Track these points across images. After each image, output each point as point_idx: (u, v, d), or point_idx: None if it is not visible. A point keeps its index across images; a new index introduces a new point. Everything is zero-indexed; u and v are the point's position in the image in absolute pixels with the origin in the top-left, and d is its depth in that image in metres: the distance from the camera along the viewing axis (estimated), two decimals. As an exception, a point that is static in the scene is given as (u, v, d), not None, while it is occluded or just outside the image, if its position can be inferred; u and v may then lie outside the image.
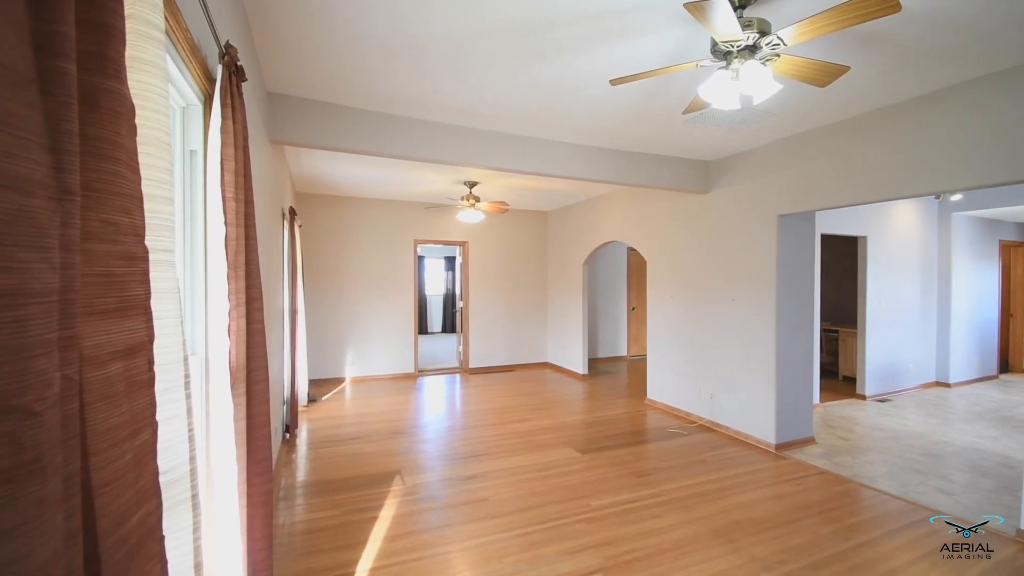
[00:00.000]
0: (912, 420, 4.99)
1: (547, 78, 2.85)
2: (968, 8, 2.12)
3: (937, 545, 2.62)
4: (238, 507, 1.48)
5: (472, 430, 4.62)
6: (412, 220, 7.08)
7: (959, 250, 6.51)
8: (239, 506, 1.49)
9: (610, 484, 3.39)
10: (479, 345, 7.59)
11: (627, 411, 5.33)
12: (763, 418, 4.22)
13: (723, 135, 3.96)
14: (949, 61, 2.64)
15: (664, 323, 5.44)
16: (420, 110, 3.40)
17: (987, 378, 6.89)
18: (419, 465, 3.74)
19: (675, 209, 5.25)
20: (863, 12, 1.65)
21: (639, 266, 8.55)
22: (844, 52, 2.51)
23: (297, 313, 4.50)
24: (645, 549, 2.57)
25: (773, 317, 4.13)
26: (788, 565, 2.43)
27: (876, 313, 5.93)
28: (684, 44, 2.43)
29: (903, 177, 3.24)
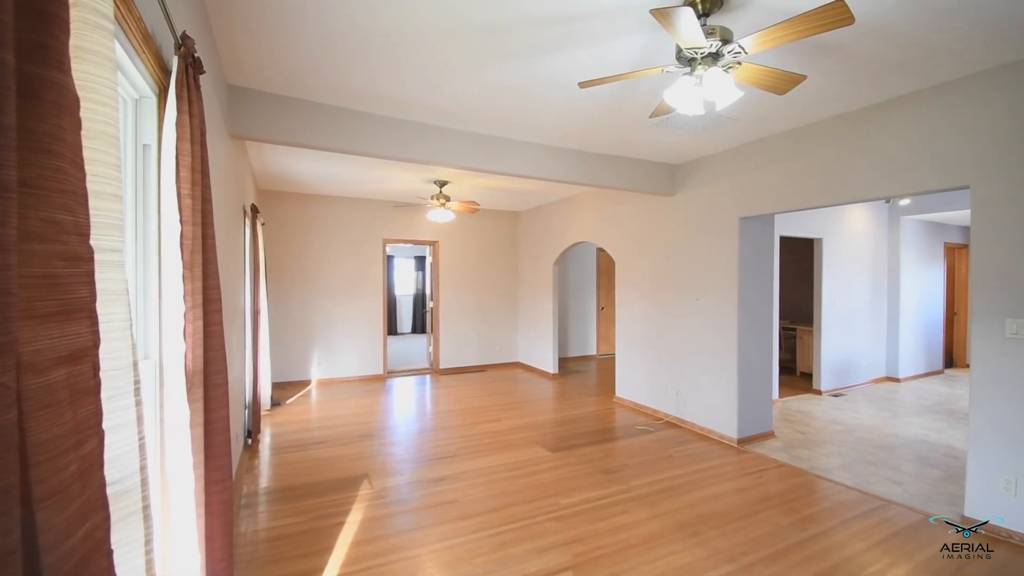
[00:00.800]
0: (864, 414, 5.24)
1: (517, 79, 2.86)
2: (915, 23, 2.24)
3: (888, 533, 2.77)
4: (195, 516, 1.43)
5: (442, 431, 4.59)
6: (381, 219, 6.98)
7: (907, 252, 6.88)
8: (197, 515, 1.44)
9: (580, 482, 3.42)
10: (450, 345, 7.55)
11: (596, 409, 5.40)
12: (726, 414, 4.35)
13: (688, 139, 4.06)
14: (898, 72, 2.79)
15: (632, 322, 5.54)
16: (389, 107, 3.35)
17: (933, 373, 7.30)
18: (388, 468, 3.69)
19: (642, 211, 5.35)
20: (819, 24, 1.72)
21: (608, 266, 8.67)
22: (802, 62, 2.61)
23: (260, 314, 4.37)
24: (613, 545, 2.61)
25: (735, 316, 4.26)
26: (750, 556, 2.52)
27: (831, 312, 6.20)
28: (650, 49, 2.48)
29: (855, 182, 3.40)
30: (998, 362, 2.72)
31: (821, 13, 1.66)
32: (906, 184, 3.14)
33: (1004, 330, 2.69)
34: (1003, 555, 2.52)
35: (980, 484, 2.78)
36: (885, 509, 3.06)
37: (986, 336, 2.77)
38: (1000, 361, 2.71)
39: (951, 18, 2.20)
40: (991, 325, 2.74)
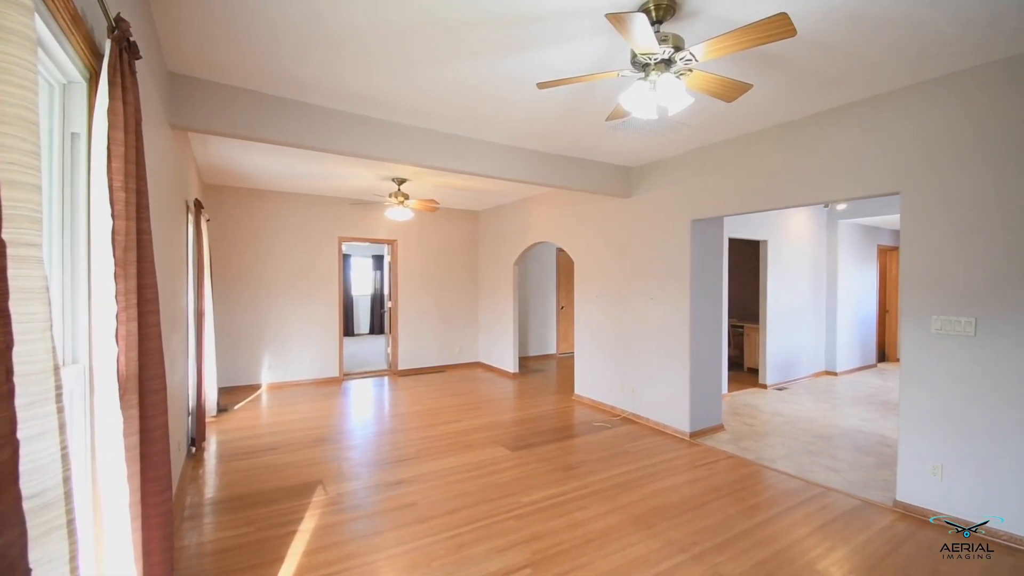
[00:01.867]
0: (806, 406, 5.54)
1: (477, 77, 2.85)
2: (853, 38, 2.38)
3: (828, 518, 2.93)
4: (131, 530, 1.34)
5: (401, 433, 4.51)
6: (336, 216, 6.78)
7: (844, 254, 7.33)
8: (132, 529, 1.35)
9: (539, 480, 3.45)
10: (409, 346, 7.43)
11: (556, 407, 5.45)
12: (679, 409, 4.50)
13: (643, 143, 4.17)
14: (837, 84, 2.96)
15: (590, 321, 5.63)
16: (345, 102, 3.26)
17: (867, 367, 7.82)
18: (344, 473, 3.59)
19: (600, 212, 5.45)
20: (763, 35, 1.80)
21: (568, 266, 8.79)
22: (749, 71, 2.73)
23: (204, 316, 4.15)
24: (571, 541, 2.64)
25: (687, 314, 4.41)
26: (701, 545, 2.61)
27: (775, 310, 6.53)
28: (607, 54, 2.52)
29: (798, 187, 3.59)
30: (925, 356, 2.94)
31: (766, 25, 1.74)
32: (843, 189, 3.34)
33: (930, 326, 2.91)
34: (931, 535, 2.72)
35: (910, 470, 3.00)
36: (825, 496, 3.24)
37: (914, 332, 2.98)
38: (926, 355, 2.93)
39: (885, 33, 2.35)
40: (918, 322, 2.96)
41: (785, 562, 2.46)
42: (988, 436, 2.68)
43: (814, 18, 2.19)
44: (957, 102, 2.78)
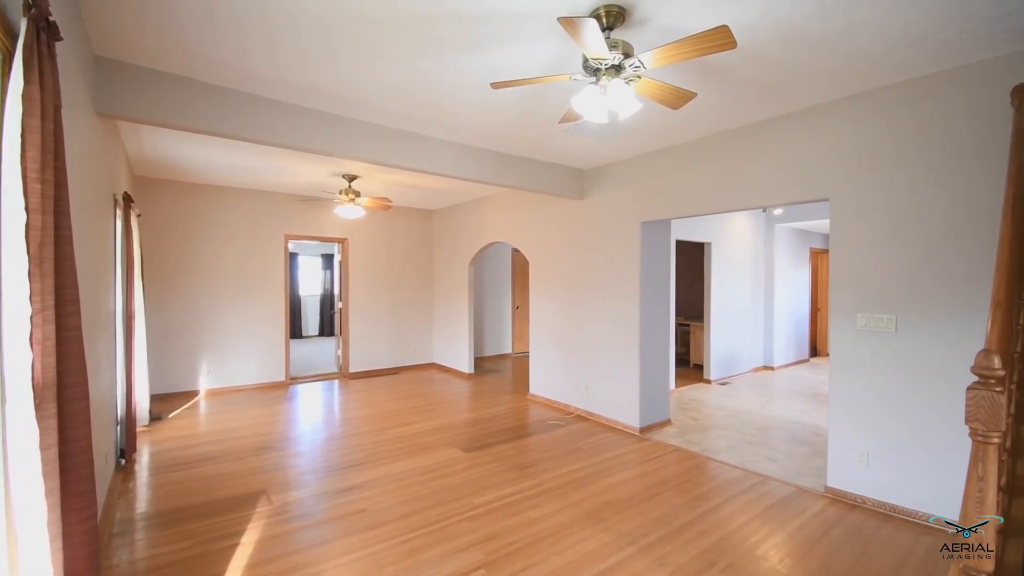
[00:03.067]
0: (746, 399, 5.85)
1: (430, 75, 2.82)
2: (788, 52, 2.54)
3: (766, 505, 3.11)
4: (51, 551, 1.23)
5: (351, 438, 4.39)
6: (283, 213, 6.51)
7: (780, 256, 7.79)
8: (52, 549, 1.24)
9: (493, 480, 3.45)
10: (360, 348, 7.24)
11: (511, 407, 5.48)
12: (629, 405, 4.63)
13: (595, 146, 4.26)
14: (775, 95, 3.15)
15: (545, 321, 5.70)
16: (291, 93, 3.14)
17: (801, 361, 8.34)
18: (290, 481, 3.45)
19: (554, 213, 5.53)
20: (706, 45, 1.89)
21: (523, 266, 8.85)
22: (694, 81, 2.85)
23: (134, 318, 3.88)
24: (525, 539, 2.66)
25: (638, 313, 4.55)
26: (649, 537, 2.70)
27: (719, 309, 6.85)
28: (560, 57, 2.56)
29: (739, 193, 3.79)
30: (851, 351, 3.17)
31: (708, 36, 1.83)
32: (780, 195, 3.55)
33: (856, 324, 3.14)
34: (858, 518, 2.94)
35: (840, 458, 3.22)
36: (763, 484, 3.43)
37: (842, 329, 3.21)
38: (853, 350, 3.16)
39: (815, 50, 2.52)
40: (846, 319, 3.19)
41: (727, 549, 2.59)
42: (908, 425, 2.92)
43: (753, 32, 2.31)
44: (880, 116, 3.03)
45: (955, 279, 2.73)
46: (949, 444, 2.73)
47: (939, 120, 2.79)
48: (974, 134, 2.66)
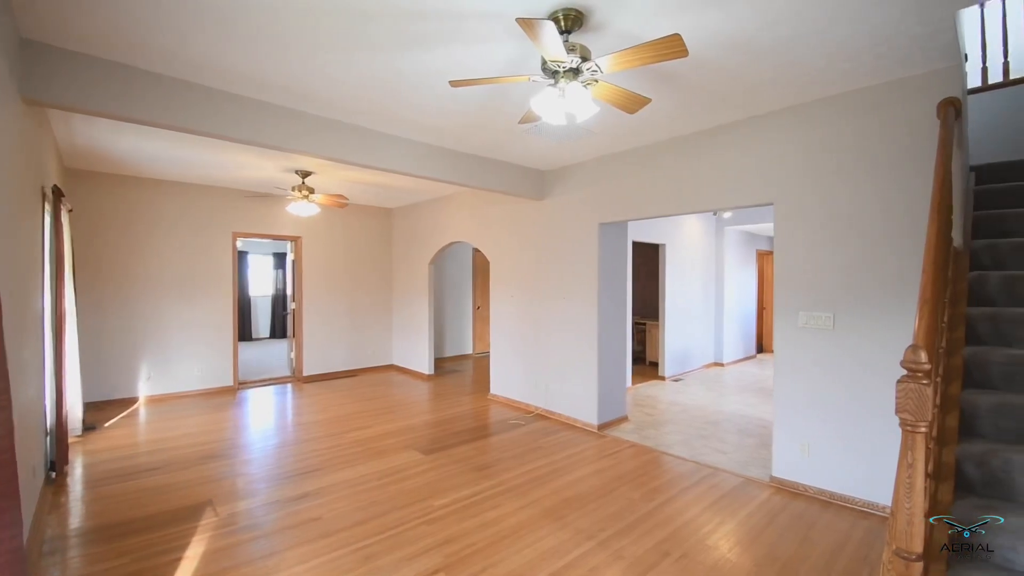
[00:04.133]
0: (698, 395, 6.07)
1: (389, 70, 2.76)
2: (737, 63, 2.65)
3: (717, 496, 3.23)
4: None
5: (305, 444, 4.24)
6: (231, 209, 6.21)
7: (729, 257, 8.14)
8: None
9: (453, 481, 3.42)
10: (315, 350, 7.01)
11: (471, 407, 5.45)
12: (588, 402, 4.71)
13: (555, 147, 4.31)
14: (724, 103, 3.28)
15: (506, 321, 5.71)
16: (240, 85, 3.00)
17: (749, 358, 8.74)
18: (238, 491, 3.30)
19: (515, 213, 5.54)
20: (660, 52, 1.94)
21: (484, 266, 8.83)
22: (649, 86, 2.93)
23: (64, 320, 3.60)
24: (485, 540, 2.66)
25: (596, 313, 4.64)
26: (607, 531, 2.75)
27: (672, 308, 7.08)
28: (519, 58, 2.57)
29: (691, 196, 3.93)
30: (794, 347, 3.34)
31: (662, 43, 1.88)
32: (728, 199, 3.71)
33: (798, 321, 3.32)
34: (801, 505, 3.10)
35: (784, 449, 3.39)
36: (714, 476, 3.57)
37: (785, 326, 3.39)
38: (795, 347, 3.33)
39: (761, 62, 2.64)
40: (788, 317, 3.37)
41: (681, 540, 2.68)
42: (845, 416, 3.11)
43: (704, 43, 2.40)
44: (821, 125, 3.21)
45: (888, 279, 2.93)
46: (882, 434, 2.92)
47: (875, 130, 2.99)
48: (907, 143, 2.87)
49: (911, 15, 2.20)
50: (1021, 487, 1.81)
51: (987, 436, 2.06)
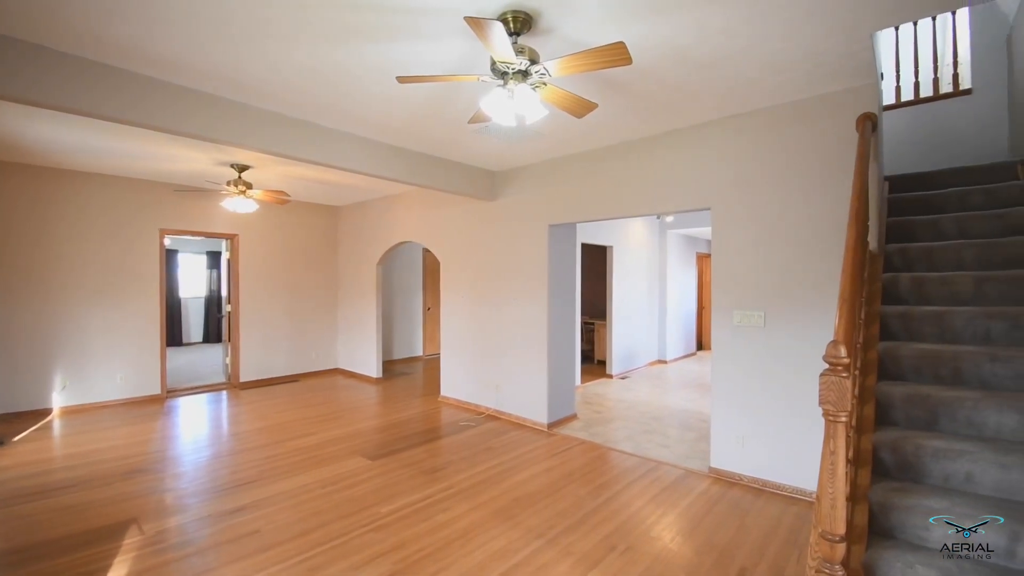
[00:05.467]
0: (643, 391, 6.28)
1: (332, 62, 2.66)
2: (678, 73, 2.76)
3: (660, 488, 3.35)
4: None
5: (242, 454, 4.02)
6: (158, 204, 5.78)
7: (672, 259, 8.48)
8: None
9: (401, 487, 3.35)
10: (253, 355, 6.65)
11: (421, 410, 5.37)
12: (538, 402, 4.76)
13: (506, 148, 4.32)
14: (667, 111, 3.41)
15: (456, 321, 5.66)
16: (167, 71, 2.79)
17: (690, 355, 9.15)
18: (167, 507, 3.07)
19: (466, 213, 5.51)
20: (605, 59, 1.99)
21: (434, 266, 8.70)
22: (597, 92, 2.99)
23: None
24: (434, 544, 2.62)
25: (545, 313, 4.69)
26: (556, 529, 2.79)
27: (619, 308, 7.29)
28: (469, 57, 2.55)
29: (635, 200, 4.06)
30: (729, 345, 3.52)
31: (607, 50, 1.93)
32: (670, 203, 3.86)
33: (733, 320, 3.50)
34: (737, 494, 3.27)
35: (721, 441, 3.57)
36: (657, 469, 3.70)
37: (721, 325, 3.56)
38: (730, 344, 3.52)
39: (701, 72, 2.77)
40: (724, 316, 3.55)
41: (626, 532, 2.76)
42: (775, 408, 3.32)
43: (647, 52, 2.48)
44: (755, 135, 3.40)
45: (813, 279, 3.16)
46: (808, 424, 3.14)
47: (804, 140, 3.20)
48: (832, 154, 3.09)
49: (834, 35, 2.38)
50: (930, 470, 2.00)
51: (900, 424, 2.25)
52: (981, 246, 2.78)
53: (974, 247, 2.80)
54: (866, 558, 1.75)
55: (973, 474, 1.91)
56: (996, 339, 2.39)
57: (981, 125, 4.07)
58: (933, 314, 2.54)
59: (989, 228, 2.94)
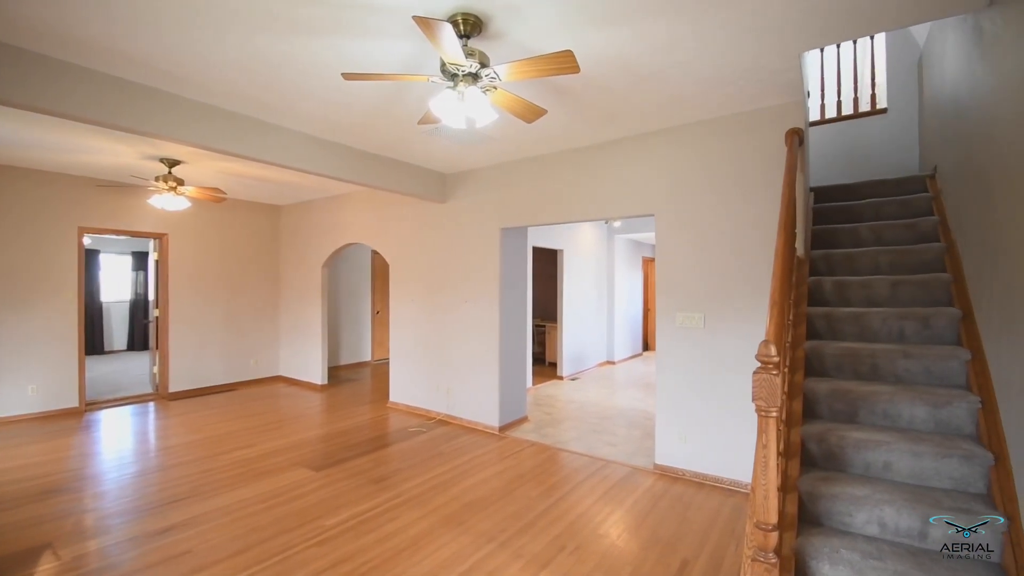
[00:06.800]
0: (592, 392, 6.42)
1: (272, 54, 2.54)
2: (623, 83, 2.84)
3: (608, 486, 3.42)
4: None
5: (171, 469, 3.75)
6: (77, 200, 5.30)
7: (619, 263, 8.73)
8: None
9: (347, 497, 3.24)
10: (185, 363, 6.22)
11: (369, 417, 5.22)
12: (489, 405, 4.75)
13: (457, 151, 4.29)
14: (613, 120, 3.50)
15: (406, 325, 5.55)
16: (86, 56, 2.57)
17: (636, 356, 9.44)
18: (87, 529, 2.81)
19: (416, 215, 5.43)
20: (553, 66, 2.02)
21: (383, 269, 8.50)
22: (547, 99, 3.03)
23: None
24: (382, 555, 2.55)
25: (497, 316, 4.69)
26: (507, 532, 2.79)
27: (570, 310, 7.42)
28: (418, 57, 2.51)
29: (585, 205, 4.15)
30: (672, 345, 3.66)
31: (555, 58, 1.96)
32: (617, 209, 3.98)
33: (675, 321, 3.64)
34: (680, 488, 3.40)
35: (665, 438, 3.70)
36: (606, 467, 3.79)
37: (665, 326, 3.70)
38: (673, 344, 3.66)
39: (644, 84, 2.87)
40: (668, 318, 3.68)
41: (575, 532, 2.80)
42: (713, 405, 3.48)
43: (593, 62, 2.54)
44: (696, 145, 3.56)
45: (748, 283, 3.34)
46: (744, 420, 3.31)
47: (739, 152, 3.39)
48: (766, 165, 3.29)
49: (766, 55, 2.53)
50: (852, 459, 2.16)
51: (825, 417, 2.42)
52: (895, 252, 3.05)
53: (889, 253, 3.07)
54: (797, 544, 1.86)
55: (890, 463, 2.08)
56: (909, 337, 2.62)
57: (895, 141, 4.47)
58: (853, 315, 2.76)
59: (902, 236, 3.23)
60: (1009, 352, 1.93)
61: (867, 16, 2.19)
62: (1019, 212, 1.84)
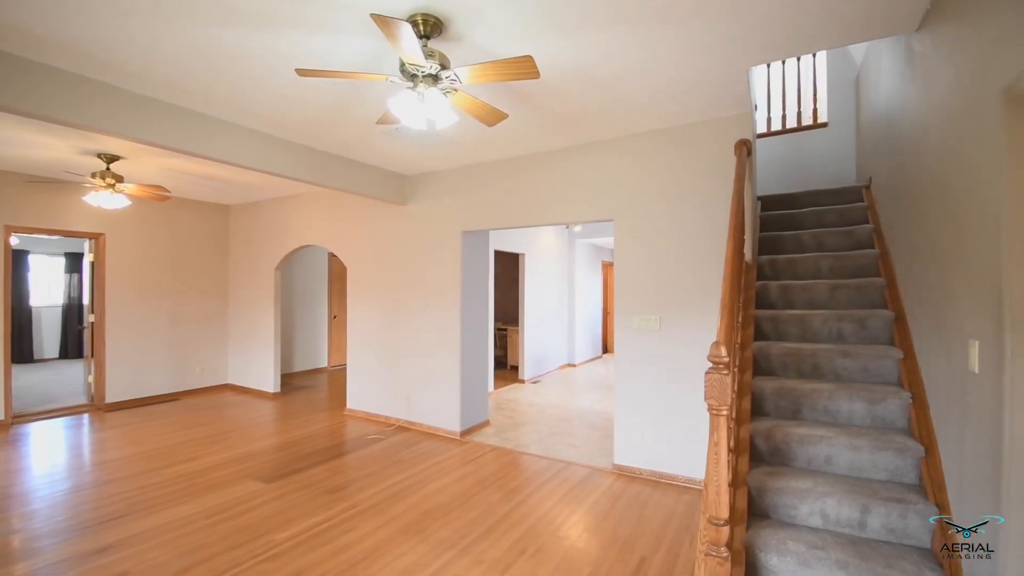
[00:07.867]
0: (553, 395, 6.46)
1: (221, 47, 2.43)
2: (582, 90, 2.89)
3: (568, 488, 3.45)
4: None
5: (108, 485, 3.50)
6: (4, 198, 4.87)
7: (580, 267, 8.87)
8: None
9: (300, 509, 3.12)
10: (124, 371, 5.83)
11: (325, 426, 5.05)
12: (450, 410, 4.70)
13: (417, 152, 4.24)
14: (573, 126, 3.56)
15: (364, 330, 5.42)
16: (11, 41, 2.38)
17: (596, 358, 9.60)
18: (12, 552, 2.58)
19: (375, 217, 5.32)
20: (514, 71, 2.03)
21: (341, 272, 8.29)
22: (508, 103, 3.04)
23: None
24: (337, 568, 2.46)
25: (458, 320, 4.66)
26: (467, 538, 2.76)
27: (531, 313, 7.46)
28: (377, 56, 2.47)
29: (546, 209, 4.18)
30: (630, 347, 3.74)
31: (515, 63, 1.97)
32: (577, 214, 4.04)
33: (632, 324, 3.72)
34: (637, 487, 3.46)
35: (624, 438, 3.76)
36: (566, 469, 3.82)
37: (623, 329, 3.78)
38: (631, 347, 3.74)
39: (600, 92, 2.93)
40: (625, 320, 3.76)
41: (536, 535, 2.80)
42: (669, 405, 3.57)
43: (553, 68, 2.58)
44: (652, 153, 3.67)
45: (701, 287, 3.45)
46: (697, 419, 3.42)
47: (691, 161, 3.51)
48: (714, 174, 3.41)
49: (716, 68, 2.64)
50: (796, 454, 2.26)
51: (771, 414, 2.53)
52: (835, 257, 3.23)
53: (829, 258, 3.25)
54: (747, 538, 1.93)
55: (831, 456, 2.20)
56: (847, 338, 2.79)
57: (835, 154, 4.75)
58: (796, 317, 2.90)
59: (841, 242, 3.44)
60: (936, 351, 2.09)
61: (808, 35, 2.33)
62: (945, 222, 1.99)
